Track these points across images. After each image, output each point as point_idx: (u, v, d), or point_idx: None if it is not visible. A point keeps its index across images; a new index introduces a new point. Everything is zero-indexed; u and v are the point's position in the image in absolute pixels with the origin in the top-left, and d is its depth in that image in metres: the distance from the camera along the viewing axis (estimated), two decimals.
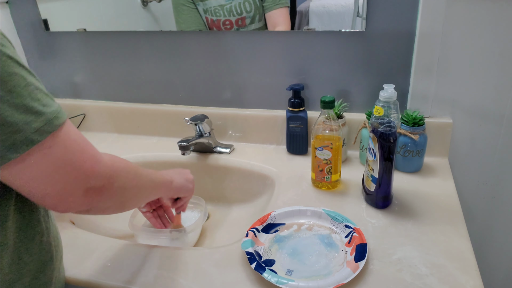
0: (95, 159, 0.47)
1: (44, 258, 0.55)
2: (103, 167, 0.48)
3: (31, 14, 1.14)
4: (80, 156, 0.45)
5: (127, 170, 0.54)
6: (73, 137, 0.45)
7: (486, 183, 1.00)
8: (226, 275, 0.66)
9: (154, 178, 0.65)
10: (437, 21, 0.86)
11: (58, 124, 0.43)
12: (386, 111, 0.75)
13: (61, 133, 0.44)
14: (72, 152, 0.45)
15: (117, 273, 0.67)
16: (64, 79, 1.21)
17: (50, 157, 0.43)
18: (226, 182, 1.03)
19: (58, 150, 0.43)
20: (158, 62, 1.10)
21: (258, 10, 0.98)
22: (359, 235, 0.70)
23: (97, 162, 0.47)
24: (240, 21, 0.98)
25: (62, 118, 0.44)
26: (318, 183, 0.88)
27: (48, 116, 0.42)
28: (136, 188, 0.57)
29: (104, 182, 0.48)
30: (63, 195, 0.45)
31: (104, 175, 0.48)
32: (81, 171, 0.45)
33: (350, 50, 0.95)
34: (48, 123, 0.42)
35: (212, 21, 0.99)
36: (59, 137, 0.43)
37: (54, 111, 0.44)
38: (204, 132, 1.02)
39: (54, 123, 0.43)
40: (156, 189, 0.66)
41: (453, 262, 0.65)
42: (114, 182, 0.50)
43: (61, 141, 0.44)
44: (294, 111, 0.98)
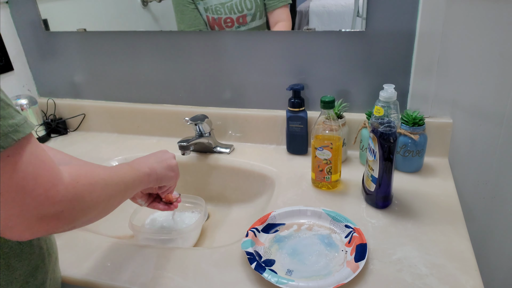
0: (50, 185, 0.41)
1: (35, 262, 0.55)
2: (61, 193, 0.42)
3: (31, 14, 1.14)
4: (31, 181, 0.39)
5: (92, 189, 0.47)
6: (27, 159, 0.39)
7: (486, 183, 1.00)
8: (226, 275, 0.66)
9: (128, 180, 0.59)
10: (437, 21, 0.86)
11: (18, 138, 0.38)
12: (386, 111, 0.75)
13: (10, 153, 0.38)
14: (21, 176, 0.39)
15: (117, 273, 0.67)
16: (64, 79, 1.21)
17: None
18: (226, 182, 1.03)
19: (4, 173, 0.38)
20: (158, 62, 1.10)
21: (259, 7, 0.98)
22: (359, 235, 0.70)
23: (53, 188, 0.41)
24: (241, 18, 0.98)
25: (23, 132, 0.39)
26: (318, 183, 0.88)
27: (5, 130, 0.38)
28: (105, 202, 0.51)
29: (62, 208, 0.42)
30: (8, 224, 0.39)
31: (62, 201, 0.42)
32: (33, 198, 0.39)
33: (350, 50, 0.95)
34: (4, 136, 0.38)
35: (213, 19, 0.99)
36: (7, 158, 0.38)
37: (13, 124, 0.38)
38: (204, 132, 1.02)
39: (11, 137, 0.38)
40: (129, 190, 0.60)
41: (453, 262, 0.65)
42: (75, 205, 0.44)
43: (10, 163, 0.38)
44: (294, 111, 0.98)
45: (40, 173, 0.40)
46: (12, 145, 0.38)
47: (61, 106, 1.22)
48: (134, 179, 0.61)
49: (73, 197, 0.44)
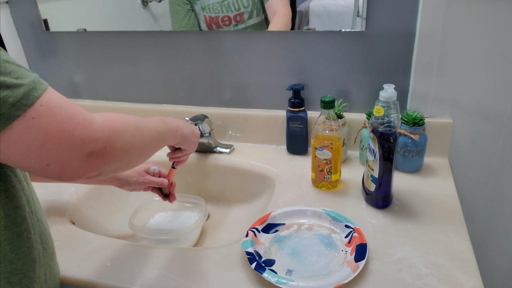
0: (87, 123, 0.44)
1: (32, 256, 0.55)
2: (98, 130, 0.45)
3: (31, 14, 1.14)
4: (69, 122, 0.43)
5: (126, 128, 0.50)
6: (58, 104, 0.43)
7: (486, 183, 1.00)
8: (226, 275, 0.66)
9: (158, 129, 0.61)
10: (437, 21, 0.86)
11: (37, 95, 0.41)
12: (386, 111, 0.75)
13: (43, 102, 0.41)
14: (59, 120, 0.42)
15: (117, 273, 0.67)
16: (64, 79, 1.21)
17: (35, 129, 0.41)
18: (226, 182, 1.03)
19: (44, 121, 0.41)
20: (158, 62, 1.10)
21: (256, 5, 0.98)
22: (359, 235, 0.70)
23: (90, 126, 0.44)
24: (238, 16, 0.98)
25: (41, 88, 0.42)
26: (318, 183, 0.88)
27: (24, 88, 0.40)
28: (140, 144, 0.53)
29: (105, 145, 0.45)
30: (64, 164, 0.43)
31: (102, 137, 0.45)
32: (75, 137, 0.43)
33: (350, 50, 0.95)
34: (26, 95, 0.40)
35: (211, 18, 0.99)
36: (41, 107, 0.41)
37: (31, 82, 0.41)
38: (204, 132, 1.02)
39: (32, 94, 0.41)
40: (161, 140, 0.63)
41: (453, 262, 0.65)
42: (115, 142, 0.47)
43: (44, 110, 0.41)
44: (294, 111, 0.98)
45: (75, 114, 0.43)
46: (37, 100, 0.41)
47: None
48: (165, 130, 0.64)
49: (110, 133, 0.46)
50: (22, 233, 0.53)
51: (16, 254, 0.52)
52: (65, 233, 0.78)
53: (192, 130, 0.74)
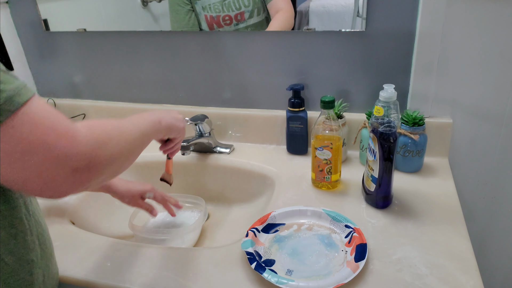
0: (70, 135, 0.42)
1: (29, 257, 0.54)
2: (82, 142, 0.43)
3: (31, 14, 1.14)
4: (51, 133, 0.40)
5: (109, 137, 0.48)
6: (41, 114, 0.41)
7: (486, 183, 1.00)
8: (226, 275, 0.66)
9: (141, 128, 0.58)
10: (437, 21, 0.86)
11: (21, 102, 0.39)
12: (386, 111, 0.75)
13: (26, 111, 0.39)
14: (41, 129, 0.40)
15: (117, 273, 0.67)
16: (64, 79, 1.21)
17: (16, 137, 0.38)
18: (226, 182, 1.03)
19: (24, 130, 0.39)
20: (158, 62, 1.10)
21: (256, 4, 0.98)
22: (359, 235, 0.70)
23: (73, 138, 0.42)
24: (239, 16, 0.98)
25: (25, 95, 0.40)
26: (318, 183, 0.88)
27: (7, 94, 0.38)
28: (125, 150, 0.51)
29: (90, 159, 0.43)
30: (46, 180, 0.41)
31: (86, 151, 0.43)
32: (57, 150, 0.40)
33: (350, 50, 0.95)
34: (8, 101, 0.38)
35: (212, 17, 0.99)
36: (23, 116, 0.39)
37: (15, 88, 0.39)
38: (204, 132, 1.02)
39: (15, 101, 0.39)
40: (146, 139, 0.61)
41: (453, 262, 0.65)
42: (99, 155, 0.45)
43: (26, 119, 0.39)
44: (294, 111, 0.98)
45: (57, 125, 0.41)
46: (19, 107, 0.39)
47: (61, 106, 1.22)
48: (147, 125, 0.61)
49: (94, 145, 0.44)
50: (18, 234, 0.52)
51: (12, 255, 0.52)
52: (65, 233, 0.78)
53: (175, 116, 0.71)
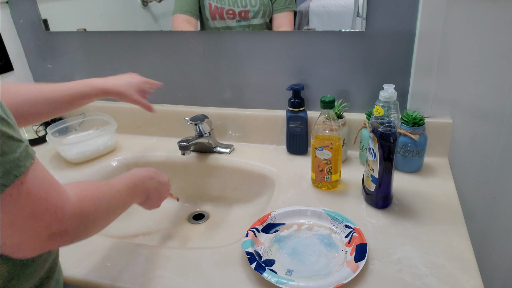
0: (59, 206, 0.43)
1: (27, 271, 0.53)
2: (67, 214, 0.44)
3: (31, 14, 1.14)
4: (42, 204, 0.42)
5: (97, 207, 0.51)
6: (37, 183, 0.41)
7: (486, 183, 1.00)
8: (226, 275, 0.66)
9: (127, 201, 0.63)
10: (437, 21, 0.86)
11: (19, 173, 0.39)
12: (386, 111, 0.75)
13: (25, 180, 0.40)
14: (34, 201, 0.41)
15: (117, 273, 0.67)
16: (64, 79, 1.20)
17: (9, 208, 0.39)
18: (226, 182, 1.03)
19: (20, 199, 0.40)
20: (158, 62, 1.10)
21: (264, 7, 0.99)
22: (359, 235, 0.70)
23: (61, 210, 0.44)
24: (243, 13, 0.99)
25: (24, 166, 0.40)
26: (318, 183, 0.88)
27: (6, 167, 0.38)
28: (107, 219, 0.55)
29: (68, 226, 0.45)
30: (21, 245, 0.42)
31: (68, 223, 0.45)
32: (42, 221, 0.42)
33: (350, 50, 0.95)
34: (7, 174, 0.38)
35: (216, 8, 0.99)
36: (22, 185, 0.40)
37: (14, 159, 0.39)
38: (204, 132, 1.02)
39: (14, 173, 0.39)
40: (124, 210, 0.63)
41: (453, 262, 0.65)
42: (79, 223, 0.47)
43: (24, 189, 0.40)
44: (294, 111, 0.98)
45: (49, 196, 0.43)
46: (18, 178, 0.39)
47: None
48: (131, 202, 0.66)
49: (79, 216, 0.46)
50: None
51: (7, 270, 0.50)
52: None
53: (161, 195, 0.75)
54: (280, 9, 0.99)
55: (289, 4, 0.98)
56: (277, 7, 0.99)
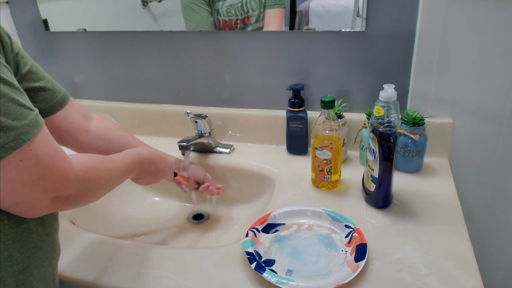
0: (65, 173, 0.48)
1: (38, 255, 0.55)
2: (72, 181, 0.49)
3: (31, 14, 1.14)
4: (50, 169, 0.46)
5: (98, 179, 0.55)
6: (45, 150, 0.45)
7: (486, 183, 1.00)
8: (226, 275, 0.66)
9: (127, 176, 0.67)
10: (437, 21, 0.86)
11: (28, 138, 0.43)
12: (386, 111, 0.75)
13: (33, 146, 0.44)
14: (43, 165, 0.45)
15: (117, 273, 0.67)
16: (64, 79, 1.21)
17: (21, 170, 0.43)
18: (226, 182, 1.03)
19: (29, 164, 0.43)
20: (158, 62, 1.10)
21: (262, 8, 0.99)
22: (359, 235, 0.70)
23: (66, 176, 0.48)
24: (246, 19, 0.99)
25: (33, 132, 0.44)
26: (318, 183, 0.88)
27: (17, 131, 0.42)
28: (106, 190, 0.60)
29: (71, 192, 0.50)
30: (32, 204, 0.47)
31: (72, 189, 0.49)
32: (50, 184, 0.46)
33: (350, 50, 0.95)
34: (17, 138, 0.42)
35: (224, 21, 1.00)
36: (30, 151, 0.43)
37: (24, 124, 0.43)
38: (204, 132, 1.02)
39: (23, 138, 0.42)
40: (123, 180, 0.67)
41: (453, 262, 0.65)
42: (81, 191, 0.51)
43: (32, 154, 0.44)
44: (294, 111, 0.98)
45: (56, 163, 0.47)
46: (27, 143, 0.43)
47: None
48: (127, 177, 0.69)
49: (81, 184, 0.51)
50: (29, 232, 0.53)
51: (21, 253, 0.52)
52: (65, 233, 0.78)
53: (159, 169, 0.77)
54: (271, 5, 0.99)
55: (279, 0, 0.98)
56: (269, 3, 0.99)
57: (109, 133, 0.77)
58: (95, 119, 0.76)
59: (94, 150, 0.74)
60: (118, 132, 0.79)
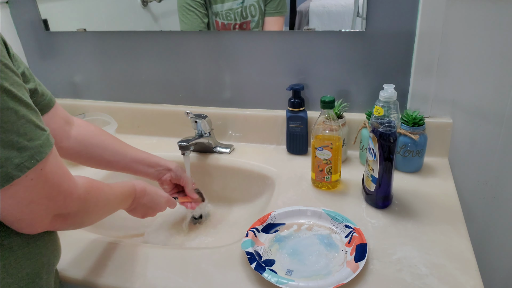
0: (68, 193, 0.50)
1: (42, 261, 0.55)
2: (74, 201, 0.51)
3: (31, 14, 1.14)
4: (56, 189, 0.48)
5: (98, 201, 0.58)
6: (54, 170, 0.47)
7: (486, 183, 1.00)
8: (226, 275, 0.66)
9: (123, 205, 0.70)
10: (437, 21, 0.86)
11: (41, 158, 0.44)
12: (386, 111, 0.75)
13: (44, 166, 0.45)
14: (50, 185, 0.47)
15: (117, 273, 0.67)
16: (64, 79, 1.21)
17: (29, 189, 0.44)
18: (226, 182, 1.03)
19: (38, 183, 0.45)
20: (158, 62, 1.10)
21: (262, 15, 0.99)
22: (359, 235, 0.70)
23: (70, 196, 0.50)
24: (245, 24, 1.00)
25: (45, 152, 0.45)
26: (318, 183, 0.88)
27: (31, 152, 0.43)
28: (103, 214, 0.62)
29: (70, 211, 0.51)
30: (33, 222, 0.48)
31: (72, 209, 0.51)
32: (54, 202, 0.48)
33: (350, 50, 0.95)
34: (30, 158, 0.43)
35: (223, 24, 1.00)
36: (41, 171, 0.45)
37: (38, 145, 0.44)
38: (204, 132, 1.02)
39: (36, 158, 0.44)
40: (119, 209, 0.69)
41: (453, 262, 0.65)
42: (80, 211, 0.53)
43: (43, 173, 0.45)
44: (294, 111, 0.98)
45: (62, 183, 0.49)
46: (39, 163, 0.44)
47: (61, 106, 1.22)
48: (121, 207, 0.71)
49: (82, 203, 0.53)
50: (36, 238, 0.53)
51: (27, 259, 0.52)
52: (65, 233, 0.78)
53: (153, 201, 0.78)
54: (271, 13, 0.99)
55: (280, 8, 0.98)
56: (269, 10, 0.99)
57: (90, 138, 0.76)
58: (76, 124, 0.75)
59: (75, 155, 0.74)
60: (99, 137, 0.78)
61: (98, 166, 0.81)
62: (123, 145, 0.83)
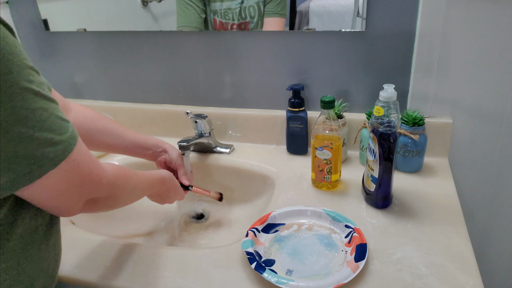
0: (98, 179, 0.52)
1: (42, 266, 0.55)
2: (104, 186, 0.53)
3: (31, 14, 1.14)
4: (87, 176, 0.50)
5: (125, 187, 0.60)
6: (84, 159, 0.49)
7: (486, 183, 1.00)
8: (226, 275, 0.66)
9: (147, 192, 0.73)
10: (437, 21, 0.86)
11: (71, 149, 0.46)
12: (386, 111, 0.75)
13: (74, 156, 0.47)
14: (82, 173, 0.49)
15: (117, 273, 0.67)
16: (65, 79, 1.21)
17: (64, 179, 0.47)
18: (226, 182, 1.03)
19: (71, 173, 0.47)
20: (158, 62, 1.10)
21: (261, 17, 0.99)
22: (359, 235, 0.70)
23: (100, 182, 0.52)
24: (243, 25, 0.99)
25: (73, 143, 0.47)
26: (318, 183, 0.88)
27: (63, 145, 0.45)
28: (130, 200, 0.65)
29: (101, 195, 0.54)
30: (68, 208, 0.51)
31: (104, 190, 0.54)
32: (86, 189, 0.51)
33: (350, 50, 0.95)
34: (63, 151, 0.45)
35: (221, 23, 0.99)
36: (74, 161, 0.47)
37: (68, 137, 0.46)
38: (204, 132, 1.02)
39: (68, 149, 0.46)
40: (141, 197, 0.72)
41: (453, 262, 0.65)
42: (110, 195, 0.56)
43: (74, 164, 0.47)
44: (294, 111, 0.98)
45: (92, 169, 0.51)
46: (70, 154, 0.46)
47: None
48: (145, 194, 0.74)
49: (111, 188, 0.56)
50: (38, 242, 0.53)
51: (28, 262, 0.52)
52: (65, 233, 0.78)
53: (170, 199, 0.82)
54: (270, 13, 0.98)
55: (280, 10, 0.98)
56: (268, 11, 0.99)
57: (89, 122, 0.78)
58: (74, 109, 0.76)
59: None
60: (98, 121, 0.80)
61: (98, 149, 0.85)
62: (121, 128, 0.85)
